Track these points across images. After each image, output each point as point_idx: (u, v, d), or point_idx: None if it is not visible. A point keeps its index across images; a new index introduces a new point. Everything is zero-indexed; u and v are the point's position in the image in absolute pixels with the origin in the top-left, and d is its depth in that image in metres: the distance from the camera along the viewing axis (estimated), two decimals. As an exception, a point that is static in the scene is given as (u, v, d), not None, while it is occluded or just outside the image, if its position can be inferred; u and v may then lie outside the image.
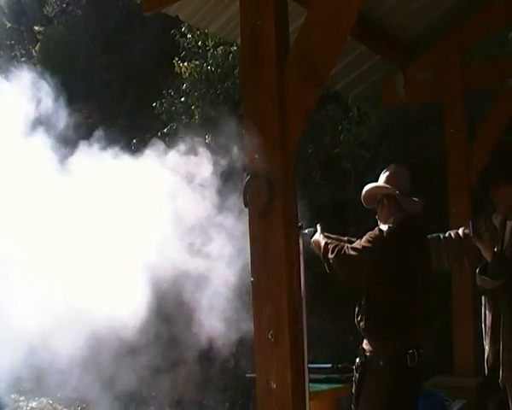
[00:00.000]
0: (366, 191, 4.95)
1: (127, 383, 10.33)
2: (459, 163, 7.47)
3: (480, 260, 5.02)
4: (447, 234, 5.32)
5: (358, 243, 4.63)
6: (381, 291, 4.62)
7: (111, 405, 10.60)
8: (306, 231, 4.67)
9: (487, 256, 4.82)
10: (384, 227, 4.69)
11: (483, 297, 5.09)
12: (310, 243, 4.77)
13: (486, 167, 5.51)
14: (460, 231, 5.27)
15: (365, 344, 4.74)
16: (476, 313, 5.57)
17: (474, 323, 6.94)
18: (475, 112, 7.91)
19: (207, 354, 11.48)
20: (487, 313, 5.05)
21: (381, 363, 4.61)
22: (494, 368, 4.99)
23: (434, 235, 5.30)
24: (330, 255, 4.56)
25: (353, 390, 4.81)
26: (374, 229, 4.73)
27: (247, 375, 5.68)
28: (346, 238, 5.10)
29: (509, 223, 5.02)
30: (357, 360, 4.78)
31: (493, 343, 5.00)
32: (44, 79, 5.23)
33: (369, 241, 4.59)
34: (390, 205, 4.80)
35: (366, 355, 4.69)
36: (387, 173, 4.90)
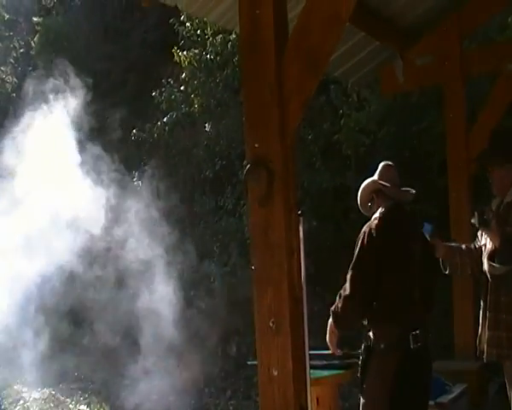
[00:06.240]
0: (359, 199, 5.02)
1: (132, 371, 10.39)
2: (459, 148, 7.48)
3: (482, 271, 5.10)
4: (463, 246, 5.39)
5: (354, 263, 4.67)
6: (377, 274, 4.66)
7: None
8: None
9: (495, 243, 4.86)
10: (373, 218, 4.77)
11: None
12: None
13: (483, 150, 5.59)
14: (472, 246, 5.34)
15: (368, 328, 4.78)
16: (476, 297, 5.61)
17: (474, 307, 6.97)
18: (475, 96, 7.91)
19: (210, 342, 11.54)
20: (482, 298, 5.12)
21: (382, 346, 4.64)
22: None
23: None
24: (342, 311, 4.61)
25: (359, 374, 4.87)
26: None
27: (249, 362, 5.71)
28: None
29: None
30: (363, 344, 4.83)
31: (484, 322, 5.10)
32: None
33: (360, 250, 4.66)
34: (379, 198, 4.88)
35: (369, 339, 4.73)
36: (376, 173, 5.01)
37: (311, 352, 4.20)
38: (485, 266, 5.00)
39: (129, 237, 10.08)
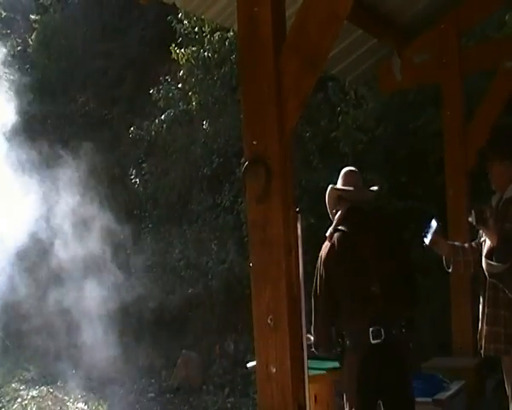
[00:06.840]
0: (328, 207, 5.20)
1: (125, 370, 10.40)
2: (456, 145, 7.49)
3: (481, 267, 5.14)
4: (466, 244, 5.44)
5: (313, 291, 4.84)
6: (335, 274, 4.78)
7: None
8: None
9: (493, 242, 4.88)
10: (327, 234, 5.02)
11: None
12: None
13: (483, 147, 5.65)
14: (474, 244, 5.38)
15: (339, 327, 4.93)
16: (474, 294, 5.62)
17: (471, 304, 6.98)
18: (472, 94, 7.91)
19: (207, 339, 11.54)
20: (481, 294, 5.15)
21: (348, 343, 4.79)
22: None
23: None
24: (317, 323, 4.82)
25: None
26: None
27: (248, 366, 5.71)
28: None
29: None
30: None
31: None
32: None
33: (316, 277, 4.85)
34: (341, 203, 5.03)
35: (342, 335, 4.87)
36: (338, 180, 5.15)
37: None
38: (484, 264, 5.02)
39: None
